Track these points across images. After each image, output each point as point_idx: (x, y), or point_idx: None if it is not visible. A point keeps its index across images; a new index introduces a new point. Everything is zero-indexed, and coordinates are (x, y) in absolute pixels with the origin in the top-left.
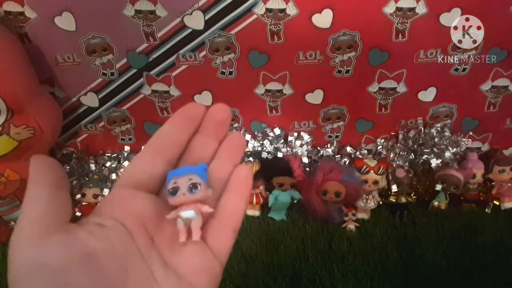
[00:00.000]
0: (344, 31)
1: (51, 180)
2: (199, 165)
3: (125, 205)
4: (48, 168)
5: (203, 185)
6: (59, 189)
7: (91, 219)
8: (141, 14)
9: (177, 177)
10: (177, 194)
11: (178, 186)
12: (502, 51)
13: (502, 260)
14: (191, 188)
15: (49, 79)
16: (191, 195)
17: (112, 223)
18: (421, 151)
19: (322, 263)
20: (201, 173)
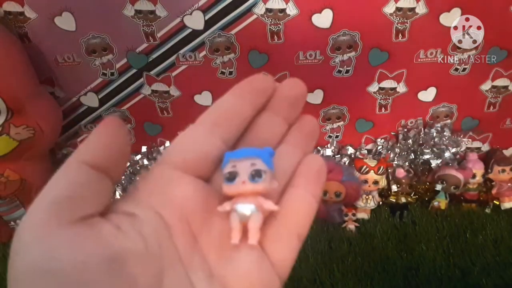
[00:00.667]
0: (344, 31)
1: (84, 157)
2: (264, 149)
3: (166, 189)
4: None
5: (269, 174)
6: (102, 174)
7: (121, 206)
8: (141, 14)
9: (237, 160)
10: (235, 181)
11: (237, 171)
12: (502, 51)
13: (502, 260)
14: (253, 175)
15: (49, 79)
16: (253, 185)
17: (147, 213)
18: (421, 151)
19: (322, 263)
20: (266, 159)
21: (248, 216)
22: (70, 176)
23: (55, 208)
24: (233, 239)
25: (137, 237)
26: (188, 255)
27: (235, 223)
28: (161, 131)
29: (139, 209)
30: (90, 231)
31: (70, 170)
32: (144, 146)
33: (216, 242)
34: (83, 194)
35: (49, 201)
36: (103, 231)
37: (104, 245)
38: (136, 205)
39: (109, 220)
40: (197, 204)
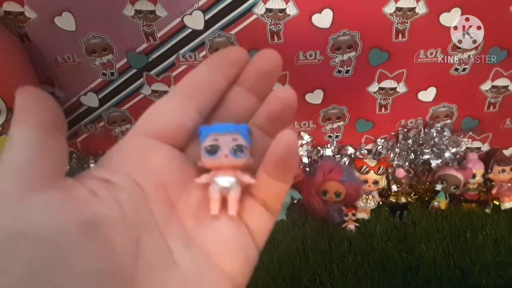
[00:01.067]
0: (344, 31)
1: (42, 119)
2: (242, 125)
3: (142, 157)
4: (38, 104)
5: (248, 149)
6: (51, 131)
7: (96, 172)
8: (141, 14)
9: (218, 134)
10: (217, 154)
11: (219, 145)
12: (502, 51)
13: (502, 260)
14: (235, 150)
15: (49, 79)
16: (235, 159)
17: (123, 180)
18: (421, 151)
19: (322, 263)
20: (245, 135)
21: (228, 188)
22: (26, 140)
23: (20, 175)
24: (213, 210)
25: (113, 203)
26: (166, 222)
27: (215, 195)
28: None
29: (115, 176)
30: (65, 196)
31: (24, 133)
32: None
33: (194, 211)
34: (42, 155)
35: (12, 169)
36: (78, 196)
37: (80, 210)
38: (112, 172)
39: (83, 184)
40: (174, 172)
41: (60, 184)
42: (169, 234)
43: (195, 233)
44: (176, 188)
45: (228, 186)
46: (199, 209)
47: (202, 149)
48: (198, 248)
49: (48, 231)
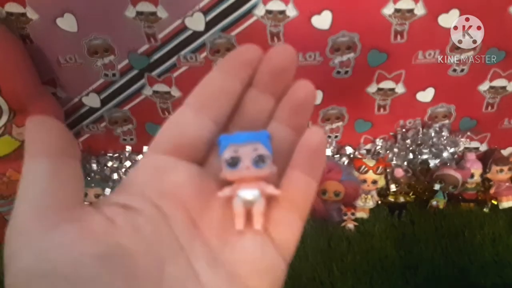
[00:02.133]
0: (343, 32)
1: (53, 148)
2: (261, 132)
3: (160, 178)
4: (48, 133)
5: (270, 158)
6: (64, 159)
7: (114, 198)
8: (142, 16)
9: (238, 145)
10: (239, 166)
11: (239, 156)
12: (500, 51)
13: (500, 259)
14: (257, 161)
15: (51, 79)
16: (257, 170)
17: (142, 205)
18: (420, 151)
19: (321, 262)
20: (265, 143)
21: (252, 201)
22: (40, 173)
23: (37, 210)
24: (238, 225)
25: (131, 230)
26: (189, 243)
27: (239, 209)
28: None
29: (133, 201)
30: (80, 228)
31: (38, 166)
32: (145, 146)
33: (218, 228)
34: (57, 186)
35: (30, 205)
36: (94, 226)
37: (97, 241)
38: (130, 197)
39: (100, 212)
40: (194, 189)
41: (78, 214)
42: (193, 256)
43: (220, 252)
44: (197, 206)
45: (252, 199)
46: (223, 226)
47: (222, 162)
48: (224, 269)
49: (65, 268)
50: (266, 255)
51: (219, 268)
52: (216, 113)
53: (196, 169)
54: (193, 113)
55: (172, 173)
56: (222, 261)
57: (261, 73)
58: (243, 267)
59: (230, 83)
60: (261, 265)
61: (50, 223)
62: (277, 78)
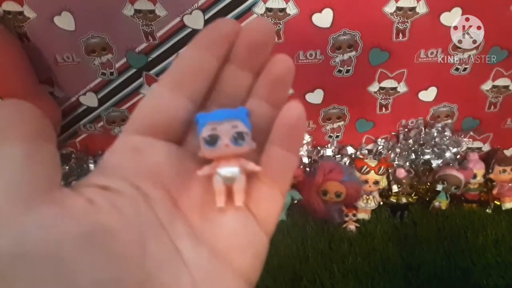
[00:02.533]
0: (345, 30)
1: (28, 132)
2: (239, 109)
3: (138, 159)
4: (20, 117)
5: (249, 135)
6: (39, 142)
7: (93, 179)
8: (140, 14)
9: (216, 123)
10: (217, 144)
11: (218, 134)
12: (502, 50)
13: (503, 261)
14: (236, 138)
15: (49, 78)
16: (236, 148)
17: (121, 186)
18: (422, 151)
19: (322, 264)
20: (244, 119)
21: (232, 178)
22: (14, 157)
23: (12, 194)
24: (219, 203)
25: (112, 210)
26: (171, 222)
27: (219, 187)
28: None
29: (112, 182)
30: (60, 209)
31: (10, 150)
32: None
33: (198, 206)
34: (32, 169)
35: (3, 189)
36: (74, 208)
37: (77, 222)
38: (108, 178)
39: (79, 193)
40: (173, 169)
41: (56, 196)
42: (175, 234)
43: (202, 230)
44: (177, 185)
45: (232, 177)
46: (204, 204)
47: (201, 140)
48: (206, 246)
49: (47, 248)
50: (247, 230)
51: (201, 245)
52: (193, 91)
53: (174, 148)
54: (169, 91)
55: (150, 153)
56: (204, 238)
57: (238, 48)
58: (225, 243)
59: (206, 59)
60: (243, 240)
61: (27, 206)
62: (255, 53)
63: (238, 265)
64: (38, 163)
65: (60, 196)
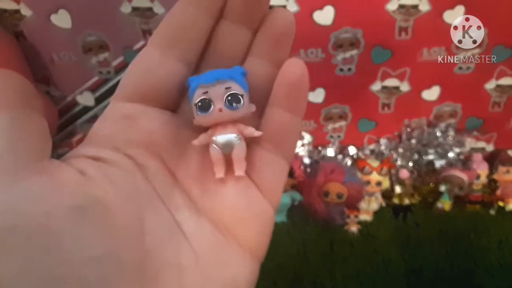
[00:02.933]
0: (346, 28)
1: (15, 101)
2: (234, 68)
3: (130, 127)
4: (9, 84)
5: (246, 97)
6: (26, 111)
7: (83, 150)
8: (138, 11)
9: (207, 85)
10: (210, 109)
11: (210, 98)
12: (506, 49)
13: (506, 262)
14: (230, 101)
15: (45, 77)
16: (231, 112)
17: (113, 156)
18: (425, 151)
19: (323, 266)
20: (239, 80)
21: (230, 146)
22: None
23: (3, 157)
24: (218, 174)
25: (105, 181)
26: (168, 194)
27: (217, 156)
28: None
29: (103, 152)
30: (50, 180)
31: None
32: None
33: (197, 176)
34: (21, 138)
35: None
36: (66, 179)
37: (69, 194)
38: (99, 148)
39: (69, 164)
40: (168, 138)
41: (46, 167)
42: (173, 206)
43: (202, 202)
44: (173, 155)
45: (230, 144)
46: (203, 174)
47: (193, 106)
48: (207, 218)
49: (37, 221)
50: (251, 202)
51: (202, 217)
52: (185, 52)
53: (169, 115)
54: (159, 53)
55: (143, 121)
56: (205, 210)
57: (233, 1)
58: (228, 216)
59: (199, 16)
60: (247, 213)
61: (13, 176)
62: (252, 5)
63: (243, 239)
64: (26, 131)
65: (49, 167)
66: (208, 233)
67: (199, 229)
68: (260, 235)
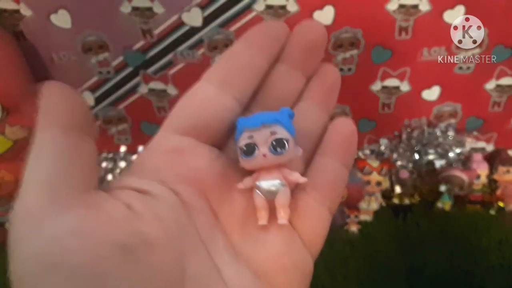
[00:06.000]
0: (346, 28)
1: (71, 122)
2: (281, 110)
3: (178, 161)
4: (64, 102)
5: (292, 141)
6: (80, 134)
7: (129, 182)
8: (138, 11)
9: (253, 130)
10: (255, 154)
11: (255, 143)
12: (506, 49)
13: (507, 263)
14: (275, 146)
15: (44, 77)
16: (276, 157)
17: (160, 189)
18: (425, 151)
19: (323, 266)
20: (286, 123)
21: (274, 192)
22: (53, 147)
23: (47, 190)
24: (261, 220)
25: (152, 218)
26: (210, 236)
27: (260, 203)
28: (158, 130)
29: (150, 185)
30: (98, 214)
31: (51, 139)
32: (140, 146)
33: (240, 220)
34: (71, 164)
35: (37, 184)
36: (113, 213)
37: (117, 230)
38: (146, 180)
39: (116, 197)
40: (215, 176)
41: (93, 199)
42: (214, 250)
43: (242, 247)
44: (218, 195)
45: (273, 190)
46: (245, 218)
47: (238, 150)
48: (247, 265)
49: (83, 259)
50: (293, 251)
51: (242, 264)
52: (240, 91)
53: (216, 153)
54: (215, 88)
55: (191, 156)
56: (245, 257)
57: (292, 47)
58: (268, 264)
59: (257, 58)
60: (288, 263)
61: (62, 206)
62: (308, 53)
63: (281, 286)
64: (78, 158)
65: (97, 199)
66: (248, 280)
67: (239, 276)
68: (299, 286)
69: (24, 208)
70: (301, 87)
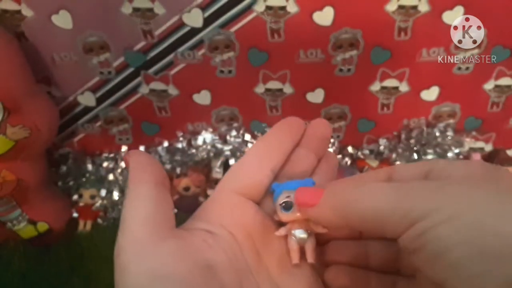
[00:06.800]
0: (346, 29)
1: (157, 178)
2: (306, 180)
3: (235, 212)
4: (149, 165)
5: None
6: (162, 188)
7: (198, 225)
8: (139, 12)
9: (290, 191)
10: (291, 210)
11: (292, 201)
12: (505, 49)
13: None
14: None
15: (46, 78)
16: None
17: (221, 232)
18: (424, 151)
19: None
20: None
21: (304, 239)
22: (149, 195)
23: (149, 224)
24: (294, 260)
25: (220, 250)
26: (256, 268)
27: (294, 246)
28: (159, 130)
29: (214, 228)
30: (185, 244)
31: (147, 190)
32: (141, 146)
33: (277, 259)
34: (161, 208)
35: (142, 220)
36: (195, 244)
37: (199, 255)
38: (210, 224)
39: (194, 234)
40: (258, 225)
41: (178, 233)
42: (260, 280)
43: (280, 279)
44: (261, 239)
45: (304, 238)
46: (282, 257)
47: (277, 206)
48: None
49: (180, 275)
50: (319, 281)
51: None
52: (274, 164)
53: (257, 207)
54: (257, 162)
55: (243, 210)
56: (282, 286)
57: (310, 137)
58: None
59: (286, 141)
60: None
61: (159, 237)
62: (321, 142)
63: None
64: (164, 204)
65: (180, 233)
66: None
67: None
68: None
69: (130, 239)
70: (315, 165)
